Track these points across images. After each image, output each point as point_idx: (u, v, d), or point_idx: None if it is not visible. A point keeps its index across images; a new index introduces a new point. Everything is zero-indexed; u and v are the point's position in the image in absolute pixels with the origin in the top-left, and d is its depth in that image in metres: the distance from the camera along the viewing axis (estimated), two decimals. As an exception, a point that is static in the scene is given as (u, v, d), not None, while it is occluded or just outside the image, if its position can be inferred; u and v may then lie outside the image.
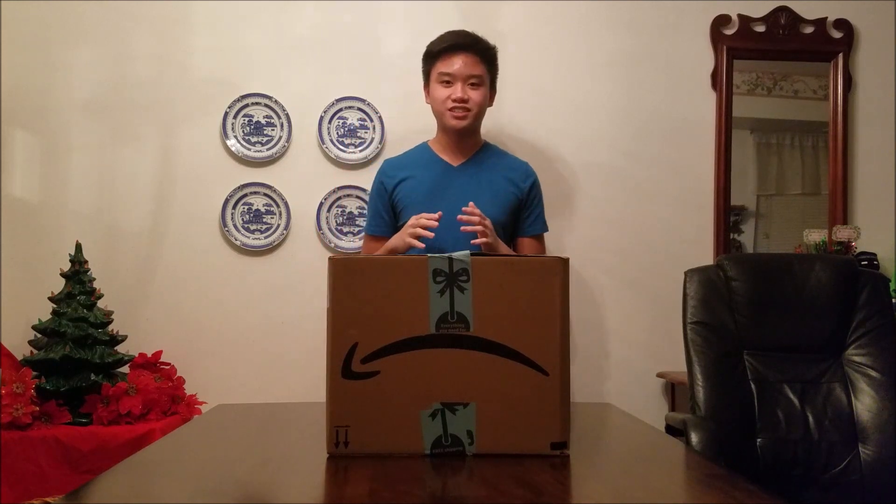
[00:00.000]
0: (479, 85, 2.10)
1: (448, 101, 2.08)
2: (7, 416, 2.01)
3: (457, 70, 2.07)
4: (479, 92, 2.10)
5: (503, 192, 2.15)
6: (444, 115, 2.10)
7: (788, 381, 1.85)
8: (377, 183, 2.21)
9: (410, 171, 2.16)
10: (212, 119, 2.55)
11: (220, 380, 2.50)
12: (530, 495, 0.92)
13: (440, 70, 2.09)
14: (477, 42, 2.11)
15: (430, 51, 2.14)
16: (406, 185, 2.14)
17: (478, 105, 2.10)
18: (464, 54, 2.08)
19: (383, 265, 1.13)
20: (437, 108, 2.13)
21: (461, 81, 2.07)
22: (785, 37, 2.71)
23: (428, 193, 2.11)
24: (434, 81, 2.11)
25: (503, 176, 2.17)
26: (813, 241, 2.62)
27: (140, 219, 2.53)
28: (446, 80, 2.08)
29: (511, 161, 2.24)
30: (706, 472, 1.12)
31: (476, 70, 2.09)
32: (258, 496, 0.96)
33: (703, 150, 2.70)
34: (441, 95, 2.09)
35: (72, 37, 2.53)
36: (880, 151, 2.74)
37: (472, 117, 2.10)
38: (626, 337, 2.64)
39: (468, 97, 2.07)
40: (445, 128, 2.14)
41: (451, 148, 2.17)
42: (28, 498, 1.98)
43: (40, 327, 2.22)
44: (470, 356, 1.09)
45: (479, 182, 2.13)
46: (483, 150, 2.22)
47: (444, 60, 2.09)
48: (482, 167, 2.17)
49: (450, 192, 2.10)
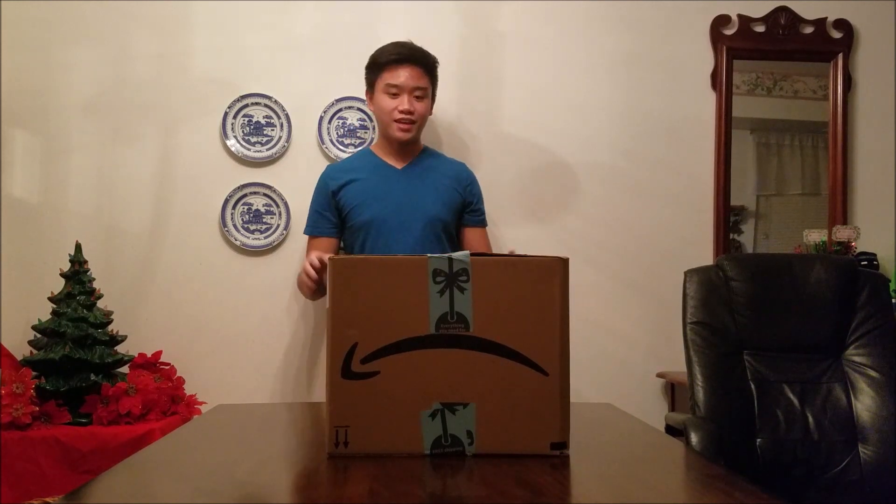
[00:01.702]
0: (424, 97, 2.20)
1: (395, 112, 2.18)
2: (7, 416, 2.01)
3: (403, 82, 2.17)
4: (423, 104, 2.20)
5: (446, 192, 2.26)
6: (390, 126, 2.20)
7: (788, 381, 1.85)
8: (321, 185, 2.29)
9: (355, 175, 2.25)
10: (211, 119, 2.55)
11: (220, 380, 2.50)
12: (530, 495, 0.92)
13: (387, 81, 2.18)
14: (423, 55, 2.21)
15: (376, 61, 2.22)
16: (352, 187, 2.23)
17: (422, 117, 2.22)
18: (410, 67, 2.17)
19: (383, 265, 1.13)
20: (382, 118, 2.23)
21: (407, 93, 2.17)
22: (785, 37, 2.71)
23: (375, 194, 2.21)
24: (379, 91, 2.20)
25: (445, 176, 2.29)
26: (813, 242, 2.62)
27: (140, 219, 2.53)
28: (393, 91, 2.17)
29: (450, 163, 2.37)
30: (706, 472, 1.12)
31: (421, 82, 2.19)
32: (258, 496, 0.96)
33: (702, 151, 2.70)
34: (387, 106, 2.19)
35: (72, 37, 2.53)
36: (880, 151, 2.74)
37: (416, 128, 2.22)
38: (626, 337, 2.64)
39: (414, 109, 2.17)
40: (390, 137, 2.24)
41: (393, 153, 2.28)
42: (28, 498, 1.98)
43: (40, 327, 2.22)
44: (470, 356, 1.09)
45: (423, 183, 2.25)
46: (423, 153, 2.33)
47: (391, 71, 2.18)
48: (425, 169, 2.29)
49: (395, 192, 2.22)
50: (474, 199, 2.33)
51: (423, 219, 2.19)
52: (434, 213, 2.21)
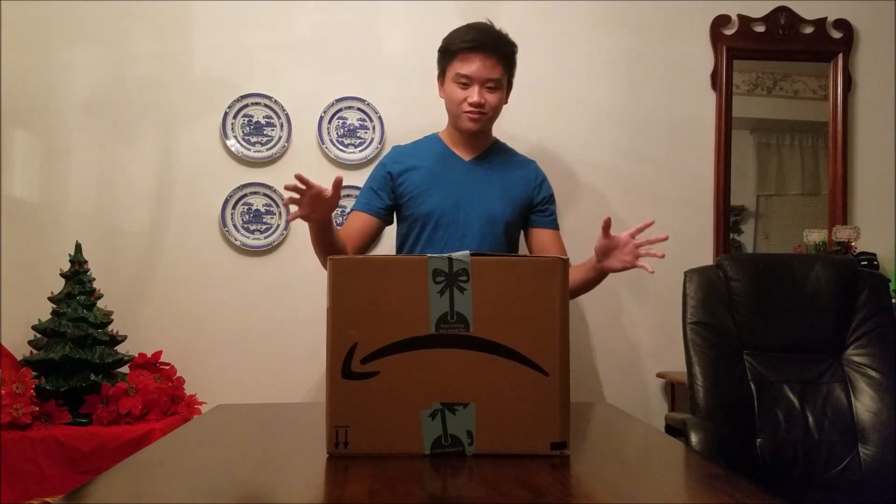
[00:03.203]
0: (497, 88, 2.02)
1: (464, 104, 2.02)
2: (7, 416, 2.01)
3: (474, 72, 1.98)
4: (495, 95, 2.02)
5: (513, 189, 2.11)
6: (460, 117, 2.04)
7: (788, 381, 1.85)
8: (380, 167, 2.14)
9: (420, 161, 2.10)
10: (211, 119, 2.55)
11: (220, 380, 2.50)
12: (530, 495, 0.92)
13: (457, 70, 2.00)
14: (497, 43, 2.02)
15: (447, 47, 2.04)
16: (415, 173, 2.09)
17: (493, 109, 2.04)
18: (483, 55, 1.98)
19: (383, 265, 1.13)
20: (451, 108, 2.07)
21: (478, 84, 1.99)
22: (785, 37, 2.71)
23: (438, 185, 2.07)
24: (450, 80, 2.03)
25: (514, 174, 2.14)
26: (813, 242, 2.62)
27: (140, 219, 2.53)
28: (463, 81, 2.00)
29: (520, 159, 2.21)
30: (706, 472, 1.12)
31: (494, 73, 2.00)
32: (258, 496, 0.96)
33: (702, 151, 2.70)
34: (457, 97, 2.02)
35: (72, 37, 2.53)
36: (880, 151, 2.74)
37: (486, 121, 2.05)
38: (626, 337, 2.64)
39: (485, 101, 2.00)
40: (459, 127, 2.09)
41: (462, 143, 2.12)
42: (28, 498, 1.98)
43: (40, 327, 2.22)
44: (470, 356, 1.09)
45: (490, 179, 2.10)
46: (493, 146, 2.17)
47: (462, 60, 1.99)
48: (493, 163, 2.13)
49: (460, 186, 2.07)
50: (544, 199, 2.15)
51: (485, 216, 2.05)
52: (498, 211, 2.05)
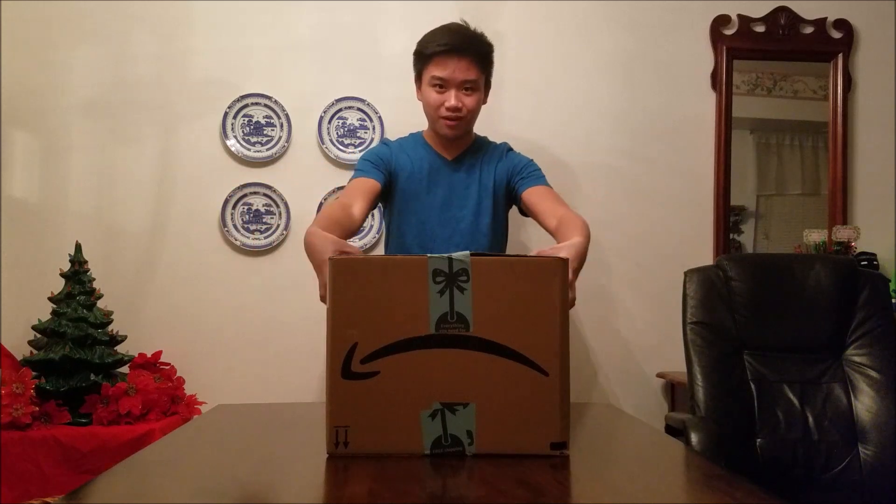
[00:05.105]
0: (474, 90, 1.99)
1: (442, 109, 2.00)
2: (7, 417, 2.01)
3: (449, 75, 1.96)
4: (473, 98, 2.00)
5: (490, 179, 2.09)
6: (437, 122, 2.03)
7: (788, 381, 1.85)
8: (378, 147, 2.14)
9: (409, 156, 2.10)
10: (211, 119, 2.55)
11: (220, 380, 2.50)
12: (530, 495, 0.92)
13: (433, 73, 1.97)
14: (472, 44, 1.99)
15: (422, 51, 2.02)
16: (406, 167, 2.08)
17: (471, 112, 2.02)
18: (458, 58, 1.95)
19: (383, 265, 1.13)
20: (429, 112, 2.05)
21: (455, 87, 1.97)
22: (785, 37, 2.72)
23: (424, 183, 2.07)
24: (426, 83, 2.01)
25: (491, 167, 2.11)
26: (813, 242, 2.62)
27: (140, 219, 2.53)
28: (439, 84, 1.97)
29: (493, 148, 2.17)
30: (706, 473, 1.12)
31: (470, 75, 1.96)
32: (258, 496, 0.96)
33: (702, 151, 2.70)
34: (434, 101, 1.99)
35: (72, 37, 2.53)
36: (880, 151, 2.75)
37: (464, 124, 2.04)
38: (626, 337, 2.64)
39: (462, 104, 1.98)
40: (437, 132, 2.08)
41: (443, 144, 2.11)
42: (28, 498, 1.98)
43: (40, 327, 2.22)
44: (470, 356, 1.09)
45: (472, 177, 2.10)
46: (475, 144, 2.16)
47: (437, 63, 1.97)
48: (474, 162, 2.12)
49: (444, 184, 2.08)
50: (517, 167, 2.09)
51: (470, 214, 2.06)
52: (482, 208, 2.06)
